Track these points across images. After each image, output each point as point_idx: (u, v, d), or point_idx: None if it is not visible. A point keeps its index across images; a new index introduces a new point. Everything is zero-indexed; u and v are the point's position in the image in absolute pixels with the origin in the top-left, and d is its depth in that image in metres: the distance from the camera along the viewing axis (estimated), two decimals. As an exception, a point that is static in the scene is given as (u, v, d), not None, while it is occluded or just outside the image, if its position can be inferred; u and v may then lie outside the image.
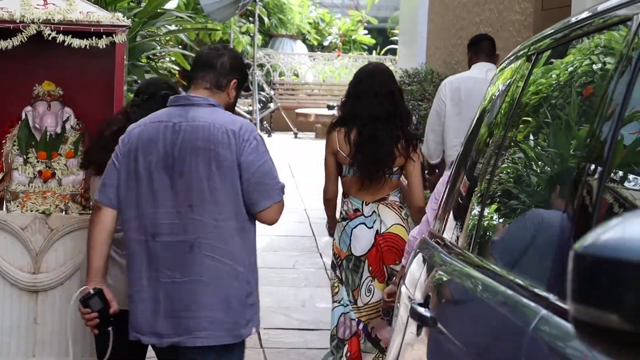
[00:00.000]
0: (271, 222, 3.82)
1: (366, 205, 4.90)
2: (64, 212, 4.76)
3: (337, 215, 5.05)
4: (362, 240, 4.86)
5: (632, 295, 1.22)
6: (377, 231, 4.85)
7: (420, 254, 3.30)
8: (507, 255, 2.49)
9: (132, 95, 6.50)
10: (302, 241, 8.82)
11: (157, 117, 3.74)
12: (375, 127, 4.82)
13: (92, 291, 3.78)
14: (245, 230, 3.68)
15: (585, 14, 2.43)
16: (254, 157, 3.63)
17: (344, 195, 5.02)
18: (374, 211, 4.90)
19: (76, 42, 4.65)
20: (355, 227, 4.88)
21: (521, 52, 2.94)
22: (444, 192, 3.42)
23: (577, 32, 2.42)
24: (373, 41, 25.12)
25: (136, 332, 3.74)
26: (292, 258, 8.16)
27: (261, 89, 20.26)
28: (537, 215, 2.43)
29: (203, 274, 3.62)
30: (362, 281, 4.83)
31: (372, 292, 4.85)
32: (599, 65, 2.24)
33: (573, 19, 2.52)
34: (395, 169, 4.88)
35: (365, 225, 4.86)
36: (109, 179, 3.75)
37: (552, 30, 2.67)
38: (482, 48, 6.36)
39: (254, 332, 3.79)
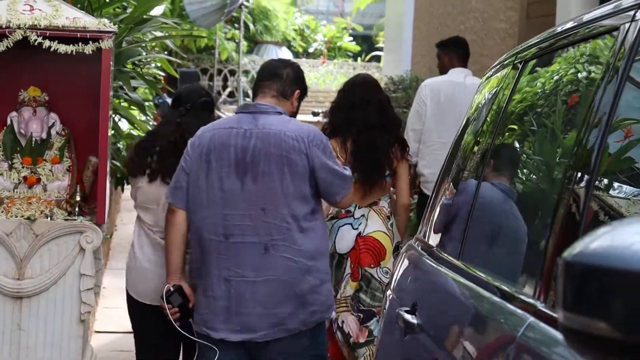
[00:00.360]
0: (348, 206, 4.50)
1: (358, 208, 5.04)
2: (49, 218, 4.73)
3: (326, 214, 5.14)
4: (346, 239, 5.00)
5: (621, 303, 1.23)
6: (359, 233, 5.00)
7: (406, 261, 3.31)
8: (494, 263, 2.50)
9: (117, 101, 6.49)
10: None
11: (227, 123, 3.97)
12: (371, 134, 4.97)
13: (172, 288, 4.03)
14: (312, 228, 3.89)
15: (570, 24, 2.45)
16: (325, 159, 3.88)
17: None
18: (363, 215, 5.03)
19: (62, 48, 4.62)
20: (342, 226, 5.02)
21: (507, 61, 2.95)
22: (430, 199, 3.43)
23: (563, 42, 2.43)
24: (358, 48, 25.19)
25: (206, 327, 3.90)
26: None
27: (246, 95, 20.25)
28: (524, 222, 2.44)
29: (278, 273, 3.81)
30: (344, 275, 5.00)
31: (345, 288, 5.02)
32: (585, 74, 2.26)
33: (559, 29, 2.54)
34: (388, 172, 5.01)
35: (351, 226, 5.01)
36: (179, 182, 3.95)
37: (538, 40, 2.69)
38: (460, 54, 6.57)
39: (334, 316, 4.09)
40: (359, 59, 24.48)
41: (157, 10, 7.50)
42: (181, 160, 3.96)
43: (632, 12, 1.95)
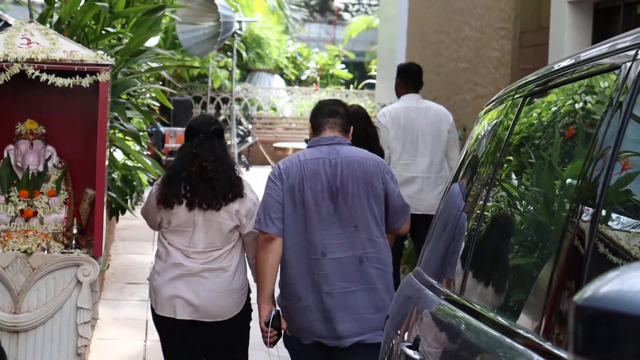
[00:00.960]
0: (406, 233, 4.98)
1: None
2: (45, 251, 4.73)
3: None
4: None
5: (632, 348, 1.23)
6: None
7: (406, 295, 3.31)
8: (497, 298, 2.51)
9: (112, 132, 6.50)
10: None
11: (311, 154, 4.43)
12: None
13: (274, 313, 4.37)
14: (387, 244, 4.48)
15: (568, 61, 2.47)
16: (394, 186, 4.45)
17: None
18: None
19: (60, 81, 4.64)
20: None
21: (506, 96, 2.97)
22: (431, 231, 3.43)
23: (561, 79, 2.45)
24: (350, 75, 25.27)
25: (316, 336, 4.35)
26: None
27: (239, 123, 20.30)
28: (526, 256, 2.45)
29: (373, 282, 4.34)
30: None
31: None
32: (585, 109, 2.28)
33: (556, 66, 2.56)
34: None
35: None
36: (274, 212, 4.34)
37: (536, 76, 2.70)
38: (410, 82, 7.15)
39: None
40: (351, 86, 24.55)
41: (152, 41, 7.52)
42: (269, 192, 4.36)
43: (633, 52, 1.98)
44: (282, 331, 4.45)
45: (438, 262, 3.11)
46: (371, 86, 21.40)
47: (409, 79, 7.14)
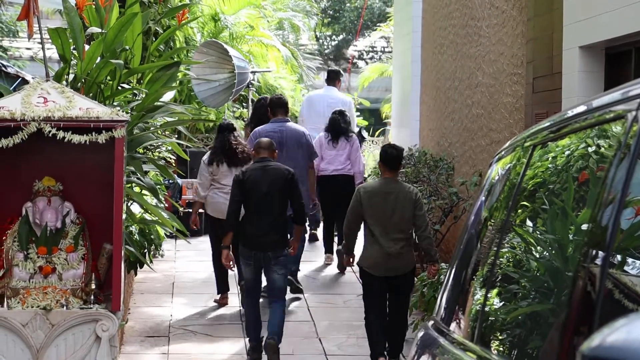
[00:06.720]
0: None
1: None
2: (64, 307, 4.75)
3: None
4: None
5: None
6: None
7: (425, 344, 3.30)
8: (513, 345, 2.50)
9: (129, 186, 6.55)
10: (301, 326, 8.76)
11: (275, 127, 8.89)
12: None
13: None
14: (307, 171, 9.39)
15: (581, 108, 2.48)
16: (311, 142, 9.17)
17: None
18: None
19: (76, 138, 4.69)
20: None
21: (518, 144, 2.99)
22: (446, 277, 3.43)
23: (574, 126, 2.47)
24: (366, 122, 25.32)
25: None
26: (291, 344, 8.11)
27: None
28: (542, 302, 2.45)
29: None
30: None
31: None
32: (596, 155, 2.29)
33: (569, 113, 2.58)
34: None
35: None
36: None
37: (549, 123, 2.72)
38: (331, 78, 12.15)
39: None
40: (367, 133, 24.59)
41: (168, 95, 7.60)
42: (250, 145, 8.25)
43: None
44: None
45: (453, 309, 3.11)
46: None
47: (330, 76, 12.20)
